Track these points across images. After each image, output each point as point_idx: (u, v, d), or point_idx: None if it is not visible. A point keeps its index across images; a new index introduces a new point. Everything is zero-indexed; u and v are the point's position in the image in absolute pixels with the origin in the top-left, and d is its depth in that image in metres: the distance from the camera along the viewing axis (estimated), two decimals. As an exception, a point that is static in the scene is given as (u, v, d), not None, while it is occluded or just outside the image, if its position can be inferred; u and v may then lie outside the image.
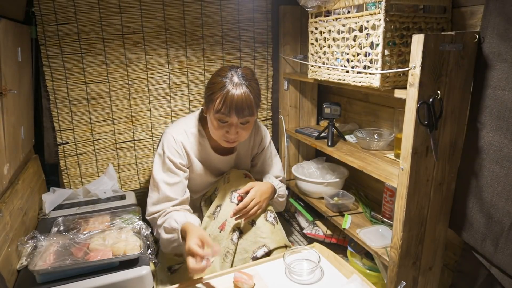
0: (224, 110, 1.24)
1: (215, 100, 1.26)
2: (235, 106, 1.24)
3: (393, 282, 1.18)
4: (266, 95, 1.98)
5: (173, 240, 1.25)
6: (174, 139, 1.36)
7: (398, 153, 1.21)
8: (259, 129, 1.56)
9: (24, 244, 1.16)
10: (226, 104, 1.24)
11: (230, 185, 1.38)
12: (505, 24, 0.96)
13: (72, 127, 1.62)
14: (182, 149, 1.37)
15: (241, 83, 1.26)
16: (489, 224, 1.05)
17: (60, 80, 1.56)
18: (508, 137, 0.98)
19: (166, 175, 1.35)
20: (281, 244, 1.31)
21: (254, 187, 1.34)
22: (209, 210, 1.42)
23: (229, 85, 1.25)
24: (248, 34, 1.86)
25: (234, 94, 1.24)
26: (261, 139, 1.55)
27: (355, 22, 1.22)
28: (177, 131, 1.39)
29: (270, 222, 1.33)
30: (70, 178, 1.67)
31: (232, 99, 1.24)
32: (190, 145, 1.40)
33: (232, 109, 1.24)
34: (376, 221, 1.52)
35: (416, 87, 1.00)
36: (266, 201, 1.36)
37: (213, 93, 1.27)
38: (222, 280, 1.16)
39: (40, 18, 1.47)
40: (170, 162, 1.34)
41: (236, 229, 1.32)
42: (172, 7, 1.67)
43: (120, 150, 1.74)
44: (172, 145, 1.35)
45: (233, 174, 1.42)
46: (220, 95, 1.25)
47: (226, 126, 1.29)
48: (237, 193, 1.34)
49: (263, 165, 1.57)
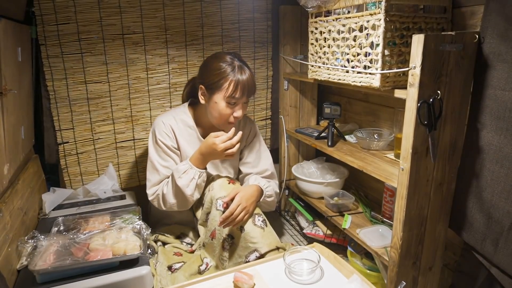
0: (236, 93, 1.35)
1: (225, 86, 1.35)
2: (247, 88, 1.37)
3: (393, 282, 1.18)
4: (265, 95, 1.98)
5: (191, 177, 1.35)
6: (163, 123, 1.45)
7: (398, 153, 1.22)
8: (247, 121, 1.61)
9: (24, 244, 1.16)
10: (239, 87, 1.35)
11: (214, 192, 1.37)
12: (505, 24, 0.96)
13: (72, 126, 1.63)
14: (171, 131, 1.45)
15: (243, 66, 1.38)
16: (489, 224, 1.05)
17: (60, 80, 1.56)
18: (508, 137, 0.98)
19: (161, 158, 1.44)
20: (272, 247, 1.30)
21: (239, 192, 1.33)
22: (201, 217, 1.43)
23: (236, 70, 1.36)
24: (248, 34, 1.86)
25: (244, 78, 1.36)
26: (249, 130, 1.60)
27: (355, 22, 1.22)
28: (166, 116, 1.48)
29: (259, 226, 1.33)
30: (70, 176, 1.68)
31: (244, 83, 1.36)
32: (179, 130, 1.47)
33: (245, 91, 1.37)
34: (376, 221, 1.52)
35: (416, 87, 1.00)
36: (253, 205, 1.36)
37: (221, 79, 1.36)
38: (222, 280, 1.16)
39: (40, 18, 1.47)
40: (163, 144, 1.43)
41: (227, 236, 1.33)
42: (172, 7, 1.67)
43: (120, 149, 1.75)
44: (161, 128, 1.44)
45: (216, 181, 1.40)
46: (230, 80, 1.35)
47: (234, 106, 1.38)
48: (221, 200, 1.33)
49: (252, 157, 1.58)
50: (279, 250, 1.31)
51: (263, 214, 1.39)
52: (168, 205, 1.40)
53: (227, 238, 1.33)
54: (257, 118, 2.00)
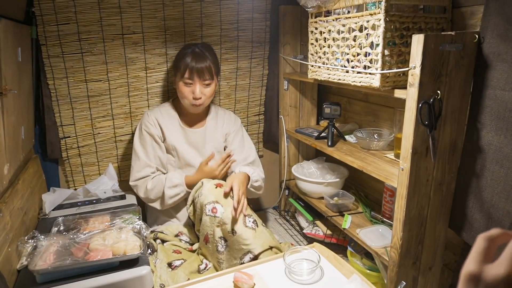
0: (187, 73, 1.50)
1: (180, 67, 1.52)
2: (198, 69, 1.50)
3: (393, 282, 1.18)
4: (260, 92, 2.00)
5: (178, 193, 1.54)
6: (148, 115, 1.60)
7: (398, 153, 1.22)
8: (226, 112, 1.77)
9: (24, 244, 1.16)
10: (188, 69, 1.50)
11: (203, 198, 1.39)
12: (505, 24, 0.96)
13: (73, 122, 1.66)
14: (155, 122, 1.59)
15: (200, 50, 1.54)
16: (489, 224, 1.05)
17: (61, 79, 1.58)
18: (508, 137, 0.98)
19: (144, 146, 1.57)
20: (265, 247, 1.30)
21: (234, 181, 1.42)
22: (196, 222, 1.46)
23: (190, 53, 1.52)
24: (247, 34, 1.86)
25: (195, 59, 1.50)
26: (233, 120, 1.74)
27: (355, 22, 1.22)
28: (152, 110, 1.65)
29: (250, 227, 1.33)
30: (72, 167, 1.72)
31: (193, 64, 1.50)
32: (163, 119, 1.61)
33: (194, 72, 1.50)
34: (376, 221, 1.52)
35: (416, 87, 1.00)
36: (246, 188, 1.51)
37: (178, 61, 1.54)
38: (222, 280, 1.16)
39: (40, 18, 1.47)
40: (147, 134, 1.57)
41: (219, 239, 1.34)
42: (172, 7, 1.67)
43: (119, 142, 1.78)
44: (146, 119, 1.59)
45: (204, 187, 1.41)
46: (183, 62, 1.51)
47: (191, 86, 1.53)
48: (211, 203, 1.36)
49: (236, 144, 1.70)
50: (273, 250, 1.32)
51: (253, 215, 1.39)
52: (144, 198, 1.57)
53: (220, 240, 1.35)
54: (251, 114, 2.02)
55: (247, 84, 1.95)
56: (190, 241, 1.56)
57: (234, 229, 1.32)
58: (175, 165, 1.63)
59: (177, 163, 1.63)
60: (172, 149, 1.61)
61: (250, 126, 2.03)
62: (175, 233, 1.57)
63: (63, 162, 1.70)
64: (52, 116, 1.61)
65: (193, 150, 1.64)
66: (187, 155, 1.62)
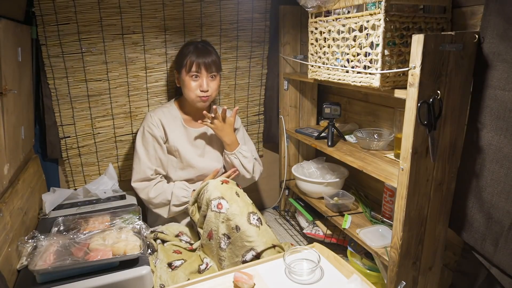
0: (194, 67, 1.54)
1: (185, 62, 1.55)
2: (205, 62, 1.54)
3: (393, 282, 1.18)
4: (259, 92, 2.00)
5: (182, 208, 1.56)
6: (151, 116, 1.60)
7: (398, 153, 1.22)
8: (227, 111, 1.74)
9: (24, 244, 1.16)
10: (195, 62, 1.54)
11: (209, 194, 1.40)
12: (505, 24, 0.96)
13: (73, 122, 1.66)
14: (159, 123, 1.59)
15: (203, 45, 1.59)
16: (489, 224, 1.05)
17: (61, 79, 1.58)
18: (508, 137, 0.98)
19: (145, 147, 1.58)
20: (268, 245, 1.31)
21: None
22: (199, 220, 1.46)
23: (193, 48, 1.56)
24: (246, 34, 1.86)
25: (200, 54, 1.55)
26: (235, 118, 1.71)
27: (355, 22, 1.21)
28: (155, 111, 1.64)
29: (254, 224, 1.34)
30: (72, 167, 1.72)
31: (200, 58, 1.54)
32: (166, 120, 1.61)
33: (202, 64, 1.54)
34: (376, 221, 1.52)
35: (416, 87, 1.00)
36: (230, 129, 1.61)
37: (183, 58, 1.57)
38: (222, 280, 1.16)
39: (40, 18, 1.47)
40: (150, 135, 1.57)
41: (223, 235, 1.35)
42: (172, 7, 1.67)
43: (119, 142, 1.78)
44: (149, 120, 1.59)
45: (211, 183, 1.43)
46: (189, 57, 1.54)
47: (198, 80, 1.56)
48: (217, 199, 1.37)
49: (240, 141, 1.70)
50: (276, 248, 1.32)
51: (258, 213, 1.40)
52: (146, 202, 1.59)
53: (223, 237, 1.35)
54: (250, 113, 2.02)
55: (246, 84, 1.96)
56: (191, 241, 1.56)
57: (238, 226, 1.32)
58: (177, 166, 1.63)
59: (179, 164, 1.63)
60: (175, 150, 1.61)
61: (250, 126, 2.03)
62: (175, 233, 1.57)
63: (63, 162, 1.70)
64: (52, 116, 1.61)
65: (196, 150, 1.65)
66: (189, 156, 1.63)
